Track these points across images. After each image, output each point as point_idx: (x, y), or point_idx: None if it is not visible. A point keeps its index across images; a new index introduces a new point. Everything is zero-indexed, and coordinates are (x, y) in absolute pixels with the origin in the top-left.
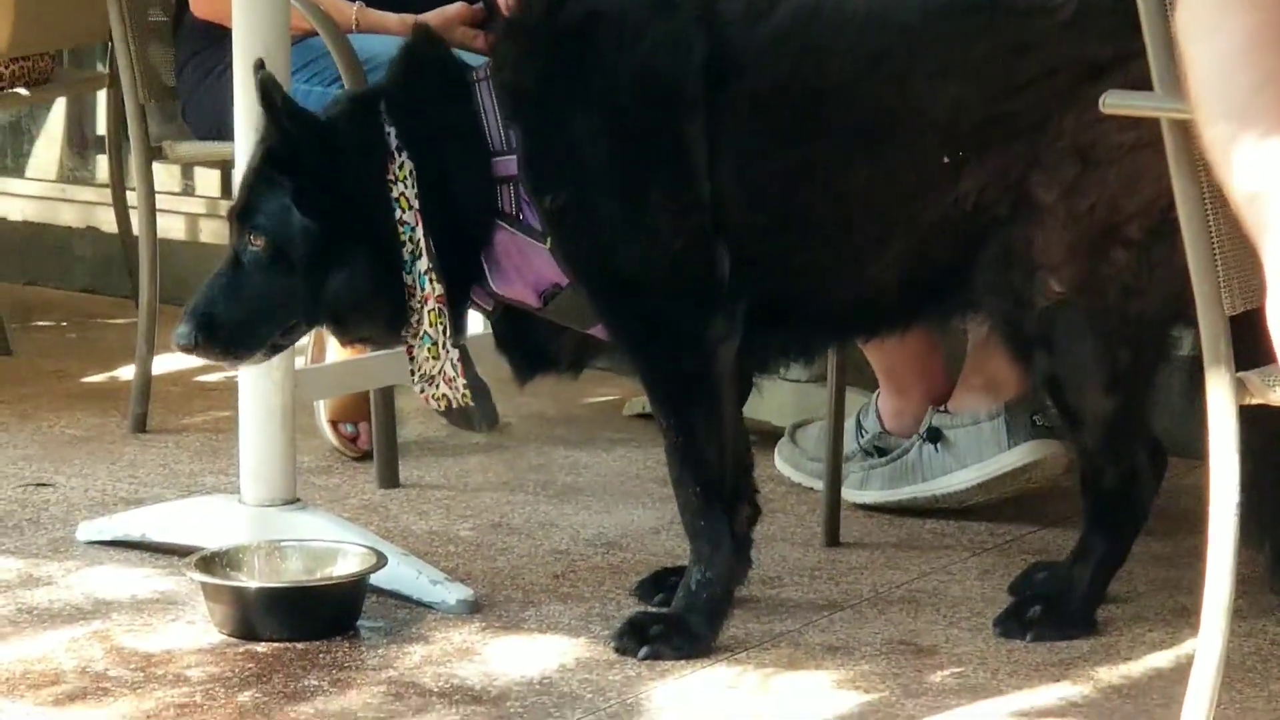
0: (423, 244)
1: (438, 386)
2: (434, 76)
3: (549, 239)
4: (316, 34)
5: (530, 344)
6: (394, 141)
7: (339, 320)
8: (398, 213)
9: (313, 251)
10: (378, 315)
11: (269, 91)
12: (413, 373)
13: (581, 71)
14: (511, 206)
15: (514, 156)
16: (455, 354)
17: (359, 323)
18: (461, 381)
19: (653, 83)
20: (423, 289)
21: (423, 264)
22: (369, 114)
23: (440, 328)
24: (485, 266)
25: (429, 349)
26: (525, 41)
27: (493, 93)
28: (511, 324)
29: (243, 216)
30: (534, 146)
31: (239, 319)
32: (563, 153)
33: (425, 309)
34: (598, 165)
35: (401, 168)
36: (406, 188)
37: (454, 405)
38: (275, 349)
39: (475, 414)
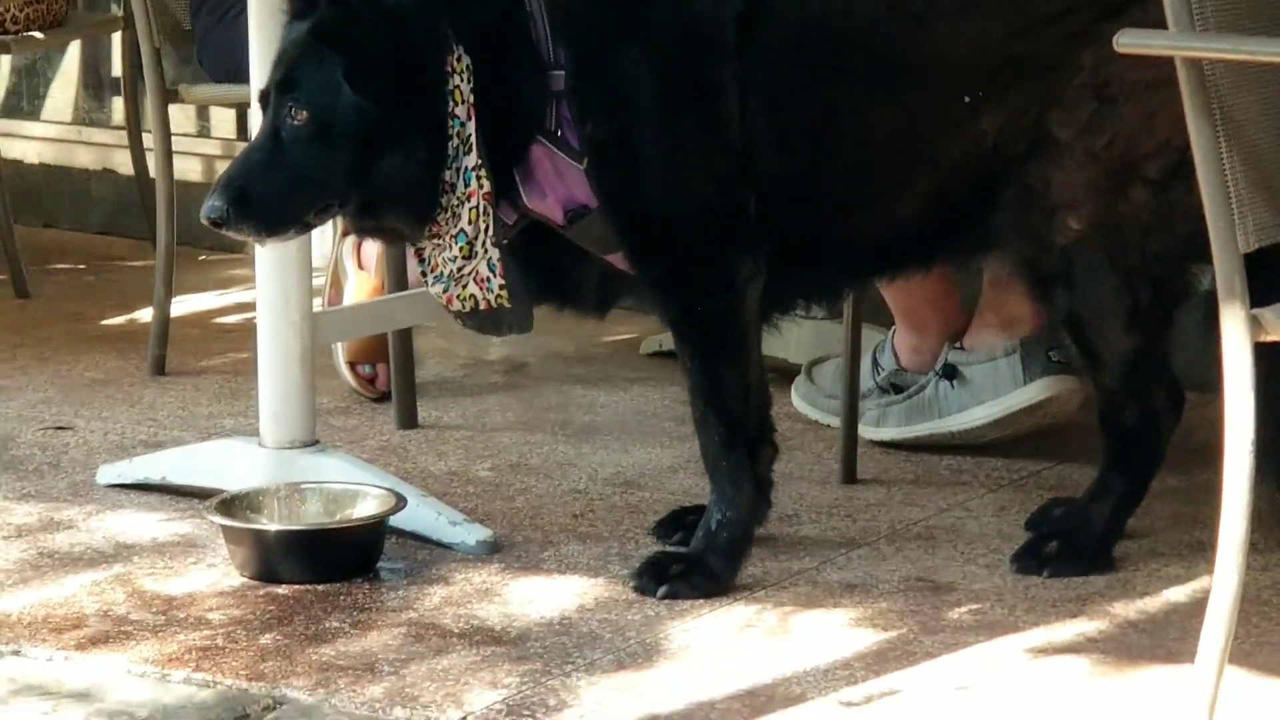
0: (474, 139)
1: (465, 287)
2: None
3: (585, 161)
4: None
5: (550, 266)
6: (453, 35)
7: (376, 202)
8: (450, 105)
9: (363, 129)
10: (415, 203)
11: None
12: (425, 273)
13: (631, 3)
14: (552, 122)
15: (561, 73)
16: (495, 254)
17: (394, 207)
18: (499, 282)
19: (693, 27)
20: (467, 185)
21: (471, 160)
22: (433, 3)
23: (483, 225)
24: (518, 178)
25: (461, 248)
26: None
27: (542, 6)
28: (531, 243)
29: (284, 88)
30: (582, 69)
31: (274, 193)
32: (609, 82)
33: (467, 206)
34: (640, 101)
35: (459, 60)
36: (463, 82)
37: (481, 307)
38: (306, 228)
39: (509, 317)
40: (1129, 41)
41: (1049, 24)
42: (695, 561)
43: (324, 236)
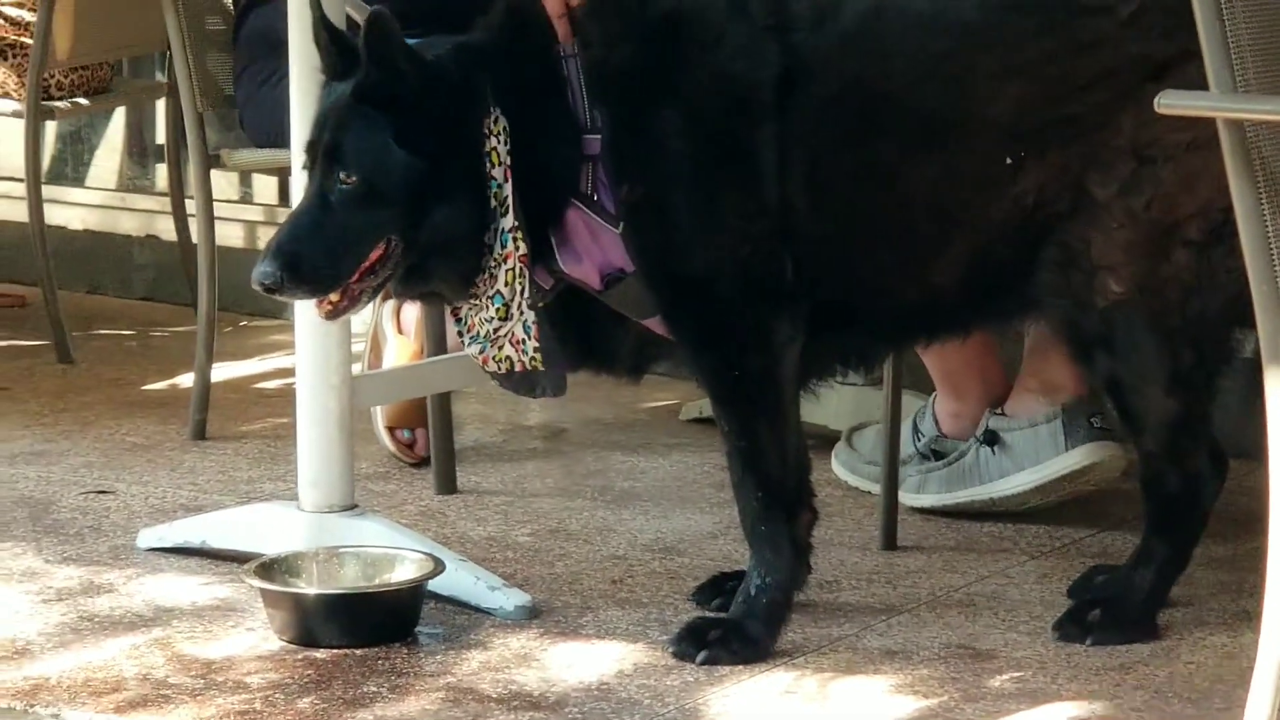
0: (510, 201)
1: (501, 348)
2: (530, 40)
3: (621, 225)
4: None
5: (586, 331)
6: (490, 96)
7: (424, 263)
8: (488, 166)
9: (413, 188)
10: (462, 261)
11: (384, 26)
12: (461, 334)
13: (667, 67)
14: (588, 186)
15: (597, 137)
16: (530, 316)
17: (442, 266)
18: (533, 345)
19: (729, 89)
20: (504, 247)
21: (508, 221)
22: (472, 63)
23: (519, 288)
24: (554, 242)
25: (498, 309)
26: (616, 24)
27: (580, 70)
28: (568, 308)
29: (330, 151)
30: (618, 133)
31: (325, 255)
32: (644, 145)
33: (503, 268)
34: (676, 164)
35: (496, 122)
36: (499, 143)
37: (516, 368)
38: (374, 293)
39: (543, 380)
40: (1171, 102)
41: (1090, 86)
42: (735, 627)
43: None
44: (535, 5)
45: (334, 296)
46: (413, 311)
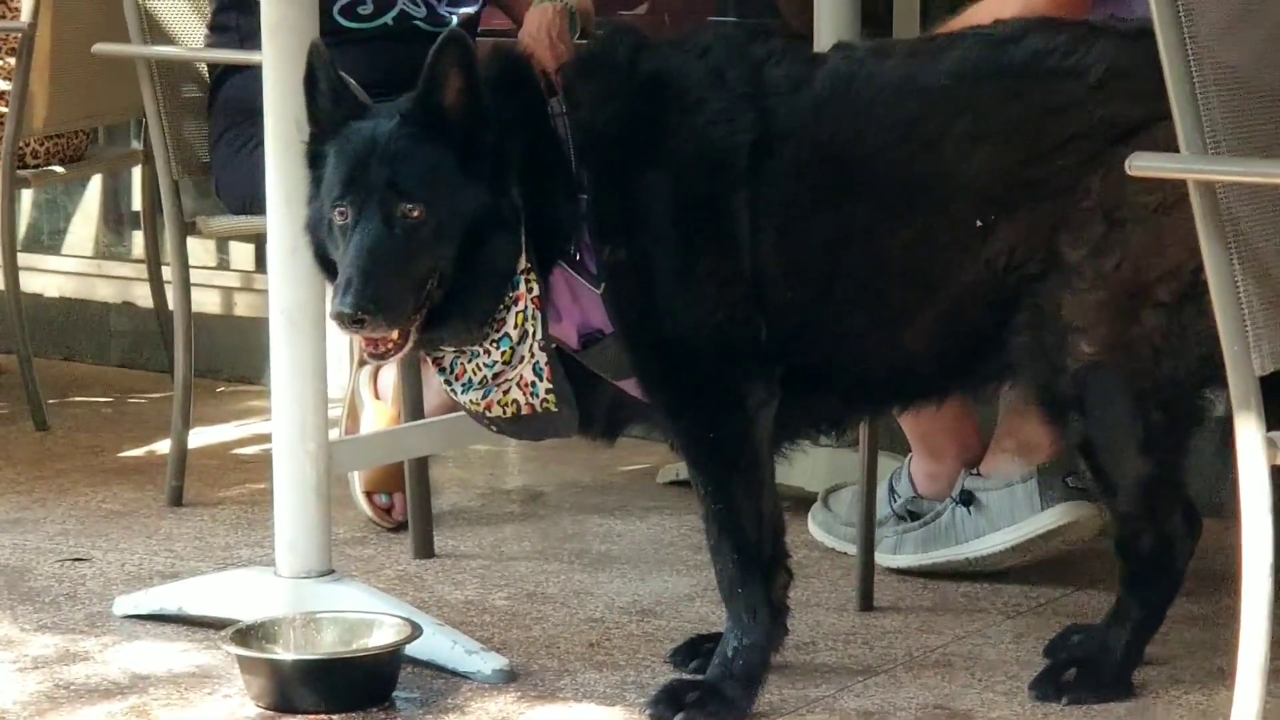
0: (523, 242)
1: (508, 392)
2: (525, 94)
3: (602, 286)
4: None
5: None
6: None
7: (451, 298)
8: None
9: (474, 217)
10: (490, 300)
11: (462, 46)
12: (448, 382)
13: (650, 130)
14: (572, 246)
15: (584, 196)
16: (543, 358)
17: (470, 304)
18: (545, 386)
19: (707, 154)
20: (515, 288)
21: (521, 263)
22: (498, 106)
23: (529, 330)
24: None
25: (503, 352)
26: (604, 84)
27: (569, 128)
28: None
29: (393, 184)
30: (602, 194)
31: (398, 285)
32: (626, 208)
33: (514, 310)
34: (655, 228)
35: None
36: (513, 187)
37: (524, 411)
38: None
39: (554, 421)
40: (1142, 164)
41: (1060, 149)
42: (712, 689)
43: (340, 366)
44: (526, 61)
45: (395, 335)
46: (390, 376)
